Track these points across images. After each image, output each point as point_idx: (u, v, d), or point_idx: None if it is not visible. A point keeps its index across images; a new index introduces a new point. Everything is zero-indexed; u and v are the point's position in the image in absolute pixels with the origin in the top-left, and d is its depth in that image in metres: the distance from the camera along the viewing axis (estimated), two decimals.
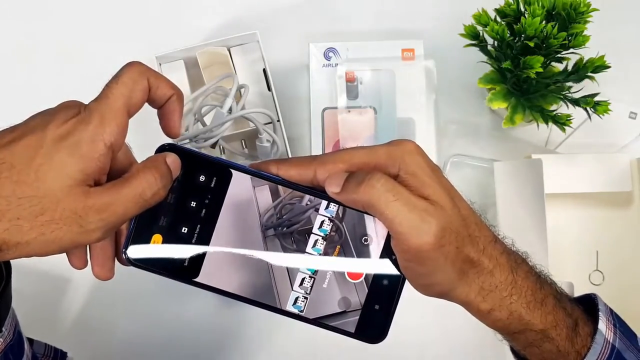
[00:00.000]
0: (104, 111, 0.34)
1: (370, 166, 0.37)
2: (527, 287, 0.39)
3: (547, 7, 0.61)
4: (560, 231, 0.67)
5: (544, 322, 0.39)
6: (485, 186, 0.71)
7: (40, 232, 0.32)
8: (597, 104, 0.62)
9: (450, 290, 0.38)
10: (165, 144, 0.38)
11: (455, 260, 0.37)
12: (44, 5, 0.78)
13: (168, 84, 0.38)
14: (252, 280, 0.39)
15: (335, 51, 0.72)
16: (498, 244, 0.39)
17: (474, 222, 0.38)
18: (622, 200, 0.69)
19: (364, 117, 0.70)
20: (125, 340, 0.69)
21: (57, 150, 0.33)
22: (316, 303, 0.39)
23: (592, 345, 0.40)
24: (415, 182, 0.37)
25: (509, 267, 0.39)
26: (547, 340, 0.40)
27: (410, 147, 0.38)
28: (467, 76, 0.71)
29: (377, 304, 0.40)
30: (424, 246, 0.36)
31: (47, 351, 0.52)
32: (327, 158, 0.38)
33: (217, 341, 0.69)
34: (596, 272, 0.68)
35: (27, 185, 0.32)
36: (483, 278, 0.38)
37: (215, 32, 0.76)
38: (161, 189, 0.36)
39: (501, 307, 0.38)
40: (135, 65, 0.36)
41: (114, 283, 0.69)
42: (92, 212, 0.33)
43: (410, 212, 0.35)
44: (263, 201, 0.40)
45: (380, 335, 0.40)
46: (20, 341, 0.44)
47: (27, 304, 0.69)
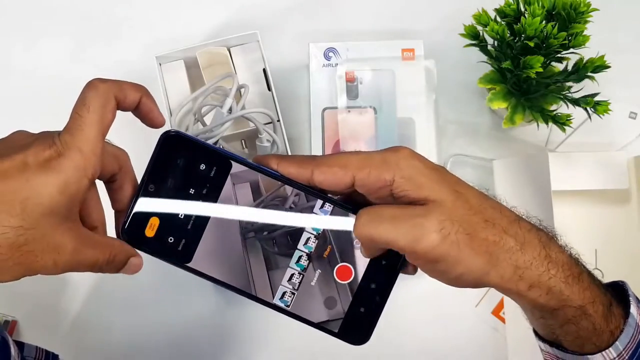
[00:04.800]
0: (81, 145, 0.35)
1: (365, 172, 0.38)
2: (562, 262, 0.38)
3: (547, 7, 0.61)
4: (559, 229, 0.67)
5: (582, 297, 0.39)
6: (485, 185, 0.70)
7: (17, 261, 0.34)
8: (597, 104, 0.62)
9: (482, 275, 0.37)
10: (171, 131, 0.39)
11: (473, 247, 0.37)
12: (44, 6, 0.78)
13: (132, 88, 0.38)
14: (237, 272, 0.40)
15: (335, 51, 0.72)
16: (523, 222, 0.39)
17: (490, 206, 0.38)
18: (619, 198, 0.69)
19: (364, 117, 0.70)
20: (124, 340, 0.69)
21: (45, 186, 0.34)
22: (303, 300, 0.40)
23: (624, 328, 0.40)
24: (411, 186, 0.37)
25: (539, 242, 0.38)
26: (585, 317, 0.39)
27: (405, 153, 0.38)
28: (467, 76, 0.71)
29: (363, 307, 0.40)
30: (426, 248, 0.36)
31: (38, 354, 0.52)
32: (324, 161, 0.39)
33: (217, 341, 0.69)
34: (595, 270, 0.68)
35: (12, 216, 0.33)
36: (515, 257, 0.37)
37: (215, 32, 0.76)
38: (107, 271, 0.38)
39: (540, 282, 0.38)
40: (100, 86, 0.36)
41: (113, 283, 0.69)
42: (67, 252, 0.35)
43: (399, 226, 0.36)
44: (243, 200, 0.41)
45: (364, 338, 0.40)
46: (4, 346, 0.44)
47: (25, 305, 0.70)
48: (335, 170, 0.38)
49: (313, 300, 0.40)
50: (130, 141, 0.41)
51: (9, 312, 0.67)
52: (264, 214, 0.41)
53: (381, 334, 0.69)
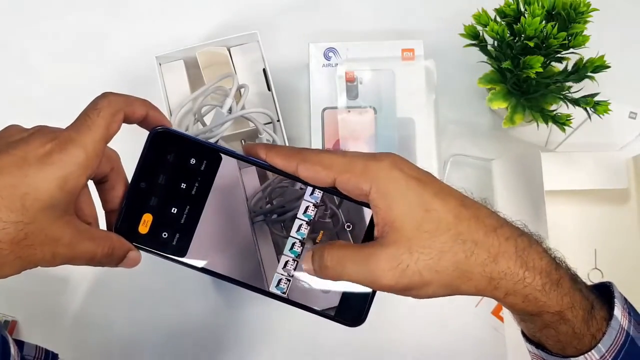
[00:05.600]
0: (86, 143, 0.36)
1: (345, 177, 0.38)
2: (540, 269, 0.39)
3: (547, 7, 0.61)
4: (559, 229, 0.67)
5: (560, 303, 0.39)
6: (485, 185, 0.71)
7: (17, 255, 0.34)
8: (597, 104, 0.62)
9: (455, 290, 0.38)
10: (158, 128, 0.40)
11: (438, 269, 0.37)
12: (44, 6, 0.78)
13: (141, 104, 0.39)
14: (238, 261, 0.41)
15: (335, 51, 0.72)
16: (502, 230, 0.39)
17: (466, 218, 0.38)
18: (619, 198, 0.69)
19: (364, 117, 0.70)
20: (124, 340, 0.69)
21: (44, 181, 0.34)
22: (298, 286, 0.41)
23: (607, 330, 0.40)
24: (383, 203, 0.38)
25: (515, 252, 0.38)
26: (564, 321, 0.40)
27: (387, 163, 0.39)
28: (467, 76, 0.71)
29: (357, 289, 0.41)
30: (387, 285, 0.37)
31: (37, 353, 0.53)
32: (309, 157, 0.39)
33: (217, 340, 0.69)
34: (595, 270, 0.68)
35: (12, 211, 0.33)
36: (488, 269, 0.38)
37: (215, 32, 0.76)
38: (106, 264, 0.38)
39: (515, 291, 0.38)
40: (112, 98, 0.38)
41: (113, 283, 0.69)
42: (65, 244, 0.36)
43: (359, 267, 0.38)
44: (250, 184, 0.41)
45: (359, 318, 0.41)
46: (4, 345, 0.44)
47: (25, 305, 0.70)
48: (318, 169, 0.39)
49: (308, 286, 0.41)
50: (119, 141, 0.41)
51: (9, 312, 0.67)
52: (258, 201, 0.41)
53: (381, 334, 0.69)
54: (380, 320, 0.46)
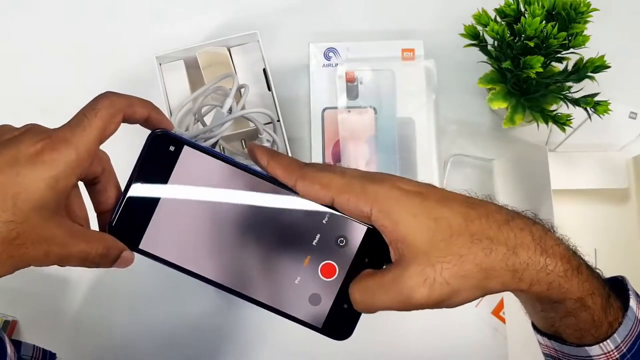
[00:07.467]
0: (79, 143, 0.36)
1: (344, 198, 0.38)
2: (561, 255, 0.39)
3: (547, 7, 0.61)
4: (559, 229, 0.67)
5: (581, 289, 0.39)
6: (485, 185, 0.71)
7: (10, 254, 0.34)
8: (597, 104, 0.62)
9: (483, 290, 0.38)
10: (157, 130, 0.40)
11: (464, 274, 0.37)
12: (44, 6, 0.78)
13: (141, 105, 0.39)
14: (237, 269, 0.40)
15: (335, 51, 0.72)
16: (515, 222, 0.39)
17: (476, 217, 0.38)
18: (619, 198, 0.69)
19: (364, 117, 0.70)
20: (124, 340, 0.69)
21: (34, 181, 0.34)
22: (287, 296, 0.41)
23: (623, 320, 0.40)
24: (388, 221, 0.37)
25: (532, 241, 0.38)
26: (584, 308, 0.39)
27: (385, 184, 0.38)
28: (467, 76, 0.71)
29: (347, 303, 0.40)
30: (420, 302, 0.37)
31: (35, 353, 0.53)
32: (309, 174, 0.39)
33: (216, 341, 0.69)
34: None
35: (4, 210, 0.33)
36: (510, 262, 0.37)
37: (215, 32, 0.76)
38: (100, 265, 0.38)
39: (539, 280, 0.38)
40: (112, 98, 0.38)
41: (113, 283, 0.69)
42: (57, 243, 0.36)
43: (389, 293, 0.37)
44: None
45: (347, 333, 0.41)
46: (1, 345, 0.44)
47: (25, 305, 0.70)
48: (316, 188, 0.39)
49: (297, 298, 0.41)
50: (112, 142, 0.41)
51: (9, 312, 0.67)
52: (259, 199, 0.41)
53: (381, 334, 0.69)
54: (380, 321, 0.46)
